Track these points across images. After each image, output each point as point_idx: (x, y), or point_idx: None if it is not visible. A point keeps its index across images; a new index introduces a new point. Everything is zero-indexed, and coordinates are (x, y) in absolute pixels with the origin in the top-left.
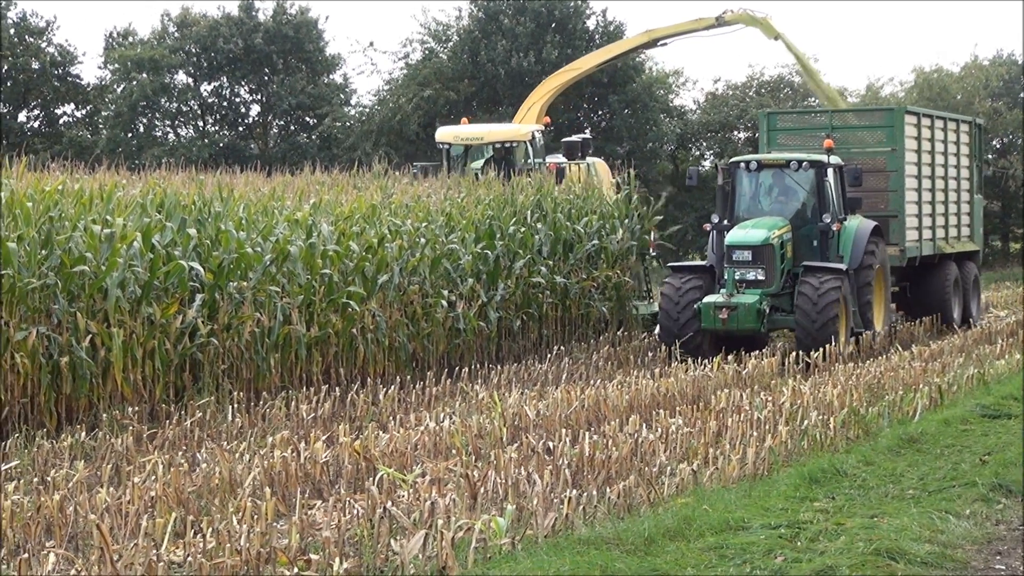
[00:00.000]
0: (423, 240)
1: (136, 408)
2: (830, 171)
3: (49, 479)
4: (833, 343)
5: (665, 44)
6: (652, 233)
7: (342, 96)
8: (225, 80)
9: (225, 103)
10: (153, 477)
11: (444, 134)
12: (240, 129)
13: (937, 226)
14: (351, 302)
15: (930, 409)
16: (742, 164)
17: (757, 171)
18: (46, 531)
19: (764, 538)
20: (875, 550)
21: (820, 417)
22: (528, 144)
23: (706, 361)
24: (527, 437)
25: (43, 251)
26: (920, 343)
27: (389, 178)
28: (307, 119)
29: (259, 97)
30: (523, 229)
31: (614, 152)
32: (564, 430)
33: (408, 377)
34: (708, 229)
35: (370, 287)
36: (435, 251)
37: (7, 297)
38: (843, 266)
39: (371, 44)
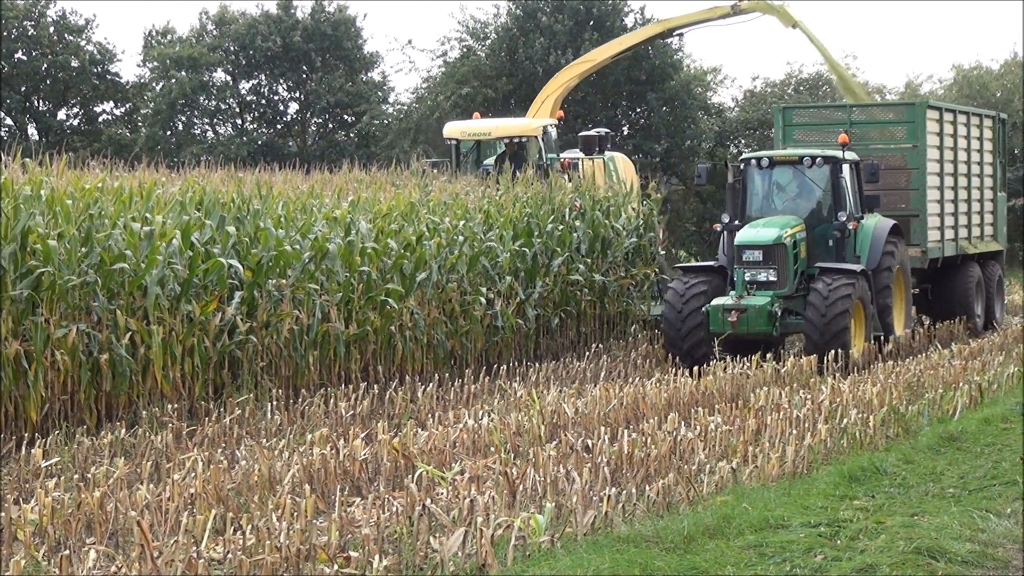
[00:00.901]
0: (461, 238)
1: (175, 405)
2: (846, 167)
3: (89, 476)
4: (846, 348)
5: (681, 34)
6: (660, 231)
7: (380, 94)
8: (263, 78)
9: (263, 101)
10: (193, 474)
11: (451, 129)
12: (278, 127)
13: (960, 226)
14: (389, 300)
15: (970, 407)
16: (753, 161)
17: (769, 168)
18: (86, 528)
19: (804, 536)
20: (915, 549)
21: (860, 415)
22: (540, 139)
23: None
24: (566, 435)
25: (83, 249)
26: (960, 341)
27: (427, 176)
28: (345, 117)
29: (297, 95)
30: (561, 227)
31: (652, 150)
32: (603, 428)
33: (446, 375)
34: (718, 229)
35: (408, 285)
36: (473, 249)
37: (47, 295)
38: (858, 267)
39: (409, 42)
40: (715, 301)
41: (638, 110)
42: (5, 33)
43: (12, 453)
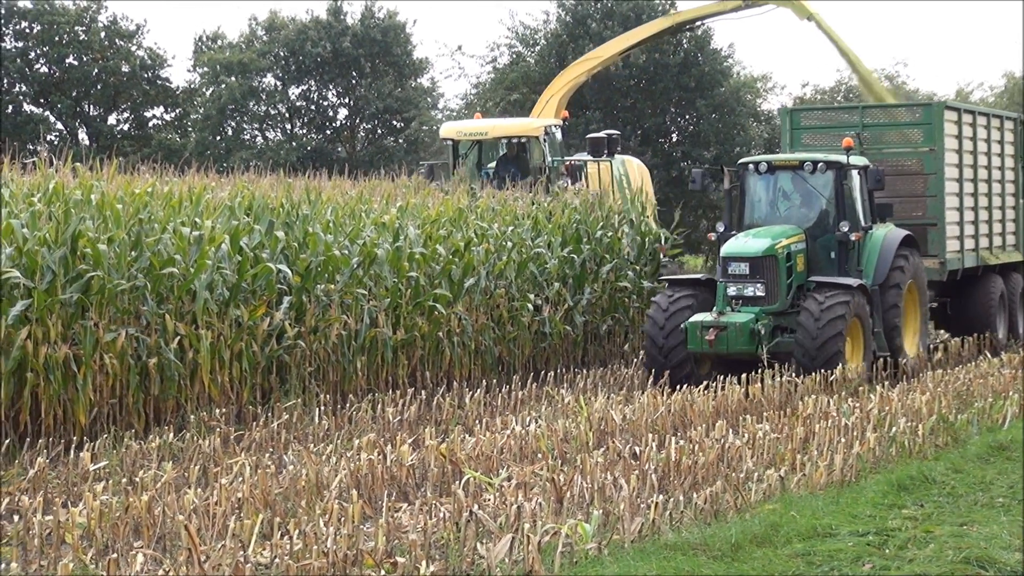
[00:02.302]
0: (510, 244)
1: (223, 410)
2: (852, 173)
3: (137, 480)
4: (838, 368)
5: (692, 28)
6: (663, 238)
7: (429, 100)
8: (313, 83)
9: (313, 106)
10: (240, 478)
11: (448, 130)
12: (328, 132)
13: (980, 235)
14: (437, 305)
15: (1020, 416)
16: (751, 166)
17: (768, 174)
18: (134, 531)
19: (852, 545)
20: (964, 558)
21: (908, 424)
22: (542, 140)
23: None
24: (613, 442)
25: (133, 253)
26: (1010, 350)
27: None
28: (394, 123)
29: (347, 100)
30: (610, 233)
31: (701, 156)
32: (650, 435)
33: (494, 381)
34: (713, 239)
35: (456, 290)
36: (521, 255)
37: (97, 299)
38: (855, 282)
39: (459, 48)
40: (694, 318)
41: (687, 117)
42: (57, 38)
43: (61, 456)
